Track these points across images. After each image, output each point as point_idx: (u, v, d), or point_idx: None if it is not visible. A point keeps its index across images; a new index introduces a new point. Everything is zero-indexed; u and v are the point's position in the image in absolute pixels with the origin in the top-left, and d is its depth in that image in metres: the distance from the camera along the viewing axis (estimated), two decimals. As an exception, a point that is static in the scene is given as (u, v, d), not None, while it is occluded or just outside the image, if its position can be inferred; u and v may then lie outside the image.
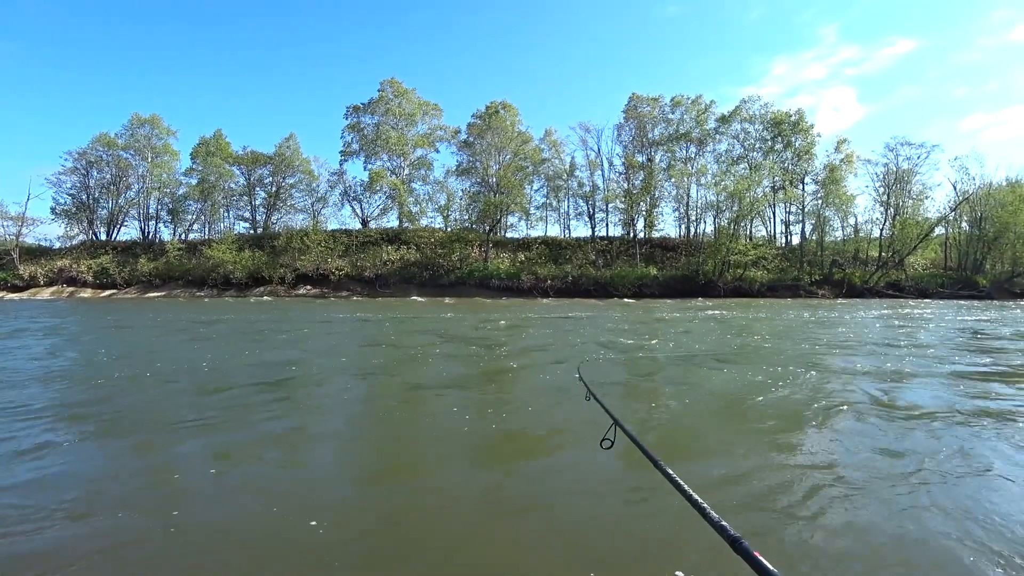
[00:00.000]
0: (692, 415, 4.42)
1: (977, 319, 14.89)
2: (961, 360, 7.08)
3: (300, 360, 7.21)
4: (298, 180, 49.84)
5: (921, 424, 4.00)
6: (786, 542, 2.22)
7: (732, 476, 2.98)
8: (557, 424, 4.06)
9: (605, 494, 2.77)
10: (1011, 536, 2.24)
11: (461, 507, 2.63)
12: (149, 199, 48.99)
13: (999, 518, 2.40)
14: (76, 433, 3.70)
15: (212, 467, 3.09)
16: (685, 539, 2.22)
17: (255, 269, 40.74)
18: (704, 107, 46.28)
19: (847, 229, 46.24)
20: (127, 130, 48.48)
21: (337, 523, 2.37)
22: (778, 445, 3.53)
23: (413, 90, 48.53)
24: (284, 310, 19.92)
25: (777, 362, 6.74)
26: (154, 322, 13.80)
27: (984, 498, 2.64)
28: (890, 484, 2.83)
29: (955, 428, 3.88)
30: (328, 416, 4.35)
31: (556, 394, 5.10)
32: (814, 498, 2.64)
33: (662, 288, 37.69)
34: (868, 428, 3.92)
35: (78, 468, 3.05)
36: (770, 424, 4.04)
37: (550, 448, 3.56)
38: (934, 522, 2.38)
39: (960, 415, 4.24)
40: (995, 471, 3.02)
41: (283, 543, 2.21)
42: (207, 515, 2.48)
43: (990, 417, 4.15)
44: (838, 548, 2.16)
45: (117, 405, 4.54)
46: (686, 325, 12.94)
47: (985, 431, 3.79)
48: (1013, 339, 9.90)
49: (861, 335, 10.44)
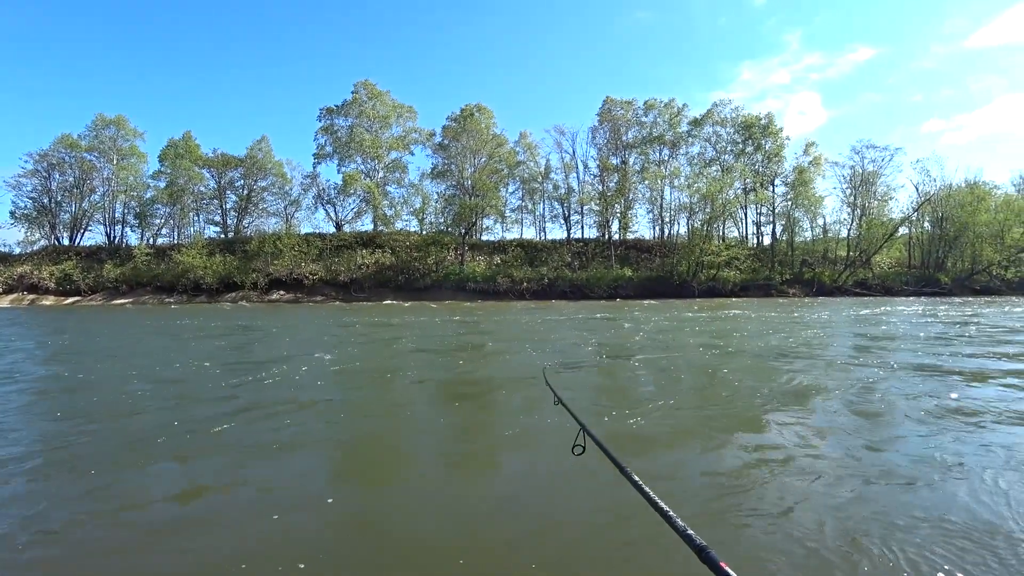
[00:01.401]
0: (665, 415, 4.48)
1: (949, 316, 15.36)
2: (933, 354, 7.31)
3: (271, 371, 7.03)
4: (270, 183, 49.05)
5: (897, 424, 4.08)
6: (755, 550, 2.21)
7: (700, 479, 3.04)
8: (530, 429, 4.11)
9: (573, 500, 2.80)
10: (983, 532, 2.27)
11: (437, 512, 2.66)
12: (115, 203, 47.63)
13: (970, 516, 2.43)
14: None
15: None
16: (656, 547, 2.22)
17: (226, 274, 39.93)
18: (677, 110, 46.97)
19: (816, 230, 47.55)
20: (91, 131, 47.04)
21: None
22: (749, 448, 3.57)
23: (387, 92, 48.14)
24: (256, 316, 19.53)
25: (764, 360, 6.87)
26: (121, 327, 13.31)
27: (957, 496, 2.68)
28: (864, 485, 2.86)
29: (929, 426, 3.96)
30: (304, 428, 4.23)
31: (529, 401, 5.17)
32: (783, 503, 2.65)
33: (637, 289, 38.09)
34: (842, 426, 3.99)
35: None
36: (742, 426, 4.11)
37: (521, 454, 3.60)
38: (909, 525, 2.38)
39: (938, 413, 4.32)
40: (966, 468, 3.08)
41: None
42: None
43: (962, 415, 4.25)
44: (808, 555, 2.15)
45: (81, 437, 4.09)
46: (668, 323, 13.09)
47: (954, 429, 3.89)
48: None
49: (835, 332, 10.69)
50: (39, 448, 3.72)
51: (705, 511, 2.59)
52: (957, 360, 7.13)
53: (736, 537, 2.33)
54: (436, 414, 4.42)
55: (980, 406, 4.53)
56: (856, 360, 7.29)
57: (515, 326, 13.91)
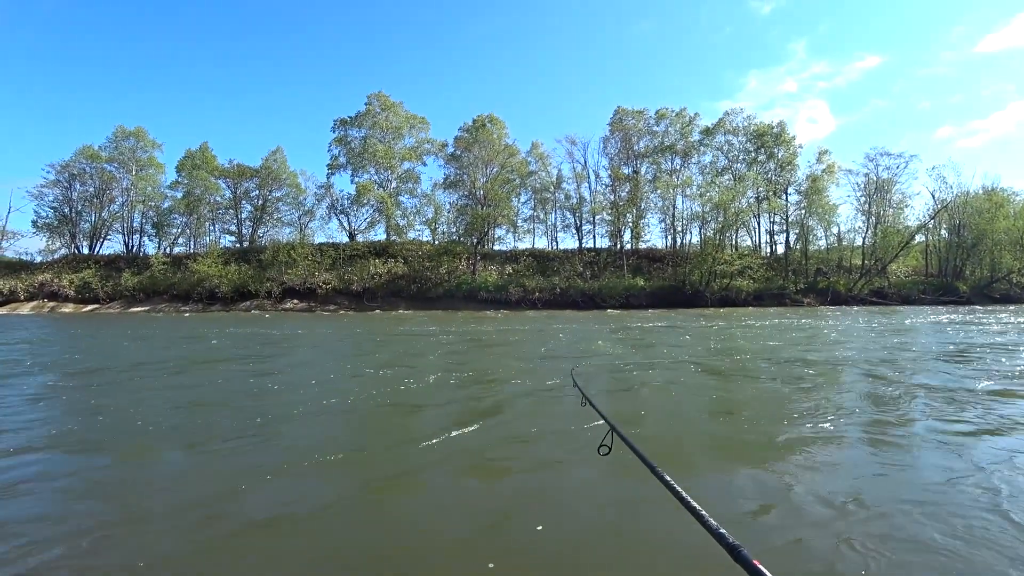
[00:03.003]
0: (686, 422, 4.50)
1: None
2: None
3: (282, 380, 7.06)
4: (285, 193, 49.70)
5: (925, 436, 4.02)
6: (783, 552, 2.21)
7: (727, 484, 3.05)
8: (553, 429, 4.17)
9: (601, 500, 2.82)
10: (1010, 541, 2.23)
11: (456, 518, 2.69)
12: (133, 212, 48.59)
13: (999, 530, 2.39)
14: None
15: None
16: (682, 547, 2.22)
17: (241, 283, 40.39)
18: (688, 120, 46.96)
19: (830, 238, 46.89)
20: (111, 143, 48.20)
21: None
22: (774, 455, 3.56)
23: (400, 103, 48.64)
24: (272, 325, 19.65)
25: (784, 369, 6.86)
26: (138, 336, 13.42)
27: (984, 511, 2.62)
28: (892, 496, 2.83)
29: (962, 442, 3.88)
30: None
31: (551, 402, 5.24)
32: (813, 508, 2.64)
33: (650, 299, 37.90)
34: (869, 437, 3.96)
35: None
36: (768, 433, 4.10)
37: (545, 454, 3.64)
38: (935, 536, 2.35)
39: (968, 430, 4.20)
40: (996, 484, 3.00)
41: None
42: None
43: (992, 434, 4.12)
44: (836, 557, 2.16)
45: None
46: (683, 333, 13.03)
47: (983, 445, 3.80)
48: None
49: (853, 342, 10.57)
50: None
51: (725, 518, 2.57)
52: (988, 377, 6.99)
53: (763, 542, 2.31)
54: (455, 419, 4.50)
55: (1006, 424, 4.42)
56: (890, 371, 7.18)
57: (531, 334, 13.90)
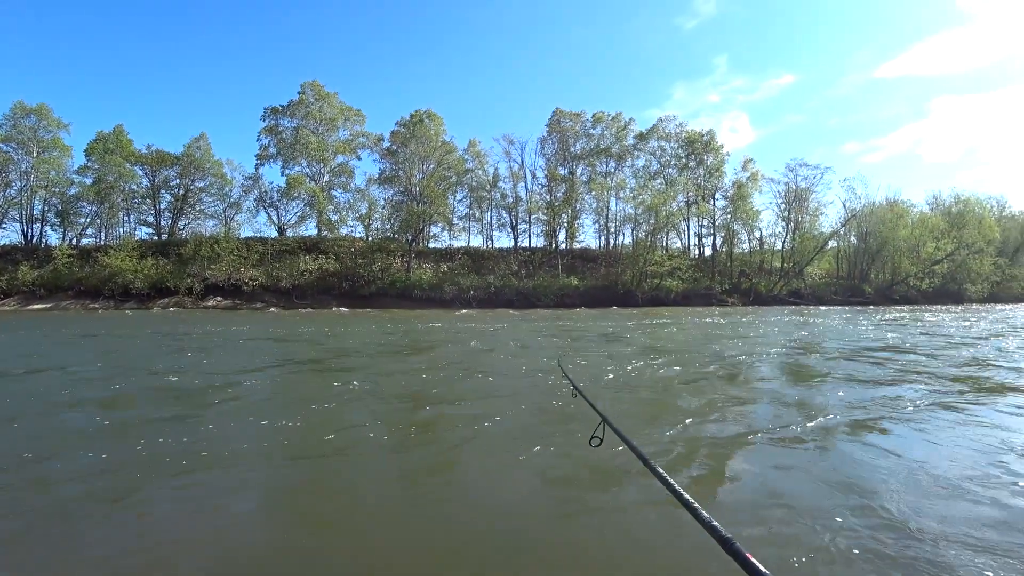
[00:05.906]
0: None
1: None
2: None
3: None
4: (209, 183, 46.87)
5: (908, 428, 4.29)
6: (775, 544, 2.22)
7: (714, 478, 3.16)
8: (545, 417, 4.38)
9: (590, 492, 2.87)
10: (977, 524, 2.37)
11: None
12: (34, 198, 44.17)
13: (980, 520, 2.52)
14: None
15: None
16: (673, 539, 2.23)
17: (159, 279, 37.85)
18: (624, 124, 48.26)
19: (753, 242, 50.05)
20: (8, 120, 43.28)
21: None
22: (763, 450, 3.69)
23: (335, 94, 46.94)
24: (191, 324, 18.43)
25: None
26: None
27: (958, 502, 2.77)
28: (882, 485, 2.95)
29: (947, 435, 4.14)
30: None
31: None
32: (803, 501, 2.72)
33: (583, 298, 38.68)
34: (849, 428, 4.19)
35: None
36: (753, 427, 4.29)
37: (532, 446, 3.69)
38: (931, 532, 2.40)
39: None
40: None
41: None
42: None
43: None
44: (828, 548, 2.18)
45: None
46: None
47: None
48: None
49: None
50: None
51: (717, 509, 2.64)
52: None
53: (753, 535, 2.34)
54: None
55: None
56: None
57: (474, 333, 13.83)
